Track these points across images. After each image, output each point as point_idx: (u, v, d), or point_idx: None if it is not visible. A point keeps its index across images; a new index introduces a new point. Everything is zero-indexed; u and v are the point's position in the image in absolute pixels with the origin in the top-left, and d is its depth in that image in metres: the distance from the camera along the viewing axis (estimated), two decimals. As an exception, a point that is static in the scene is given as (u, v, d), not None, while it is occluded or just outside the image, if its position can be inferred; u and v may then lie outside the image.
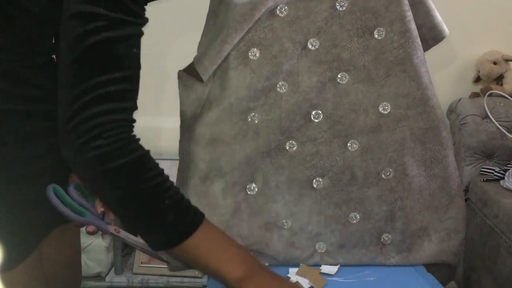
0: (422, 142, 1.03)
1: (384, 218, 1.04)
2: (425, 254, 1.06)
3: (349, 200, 1.03)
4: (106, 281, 1.87)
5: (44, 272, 0.87)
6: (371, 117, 1.01)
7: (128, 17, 0.68)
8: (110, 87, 0.66)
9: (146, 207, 0.71)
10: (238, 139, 0.99)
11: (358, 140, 1.02)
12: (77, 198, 0.84)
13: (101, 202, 0.77)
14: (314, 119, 1.01)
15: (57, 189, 0.81)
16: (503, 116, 1.79)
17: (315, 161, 1.02)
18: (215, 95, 0.99)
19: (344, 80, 1.00)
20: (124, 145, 0.68)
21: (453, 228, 1.08)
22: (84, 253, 1.83)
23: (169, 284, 1.87)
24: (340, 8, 0.98)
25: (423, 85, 1.02)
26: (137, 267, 1.89)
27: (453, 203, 1.07)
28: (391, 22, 0.99)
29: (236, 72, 0.98)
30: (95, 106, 0.65)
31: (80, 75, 0.66)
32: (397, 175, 1.03)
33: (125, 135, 0.69)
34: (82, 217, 0.82)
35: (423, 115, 1.02)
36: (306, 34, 0.99)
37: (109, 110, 0.66)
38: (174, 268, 1.05)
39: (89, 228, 0.84)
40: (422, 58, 1.02)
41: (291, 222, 1.03)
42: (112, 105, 0.67)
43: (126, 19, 0.68)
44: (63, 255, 0.93)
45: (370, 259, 1.05)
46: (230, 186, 1.00)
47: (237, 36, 0.96)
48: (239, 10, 0.95)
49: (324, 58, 0.99)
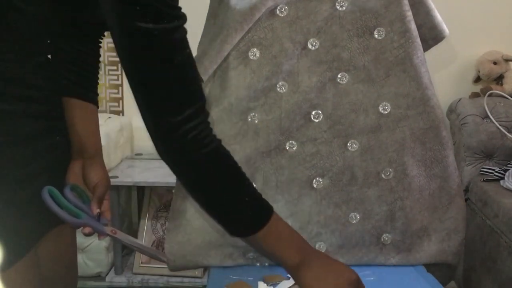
0: (422, 142, 1.03)
1: (384, 218, 1.04)
2: (425, 254, 1.06)
3: (349, 200, 1.03)
4: (106, 281, 1.87)
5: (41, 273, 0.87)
6: (371, 117, 1.01)
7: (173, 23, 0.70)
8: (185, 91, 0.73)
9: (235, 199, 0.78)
10: (238, 139, 0.99)
11: (358, 140, 1.02)
12: (73, 199, 0.83)
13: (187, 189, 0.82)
14: (314, 119, 1.01)
15: (52, 191, 0.81)
16: (503, 116, 1.79)
17: (315, 161, 1.02)
18: (215, 95, 0.99)
19: (344, 80, 1.00)
20: (219, 145, 0.77)
21: (453, 228, 1.08)
22: (84, 253, 1.83)
23: (169, 284, 1.87)
24: (340, 8, 0.98)
25: (423, 85, 1.02)
26: (137, 267, 1.89)
27: (453, 203, 1.07)
28: (391, 22, 0.99)
29: (236, 72, 0.98)
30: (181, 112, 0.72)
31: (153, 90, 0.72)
32: (397, 175, 1.03)
33: (213, 133, 0.76)
34: (78, 219, 0.82)
35: (423, 115, 1.02)
36: (306, 34, 0.99)
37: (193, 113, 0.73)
38: (174, 268, 1.05)
39: (85, 230, 0.84)
40: (422, 58, 1.02)
41: (291, 222, 1.03)
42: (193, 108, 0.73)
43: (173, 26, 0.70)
44: (59, 255, 0.93)
45: (370, 259, 1.05)
46: (230, 186, 1.00)
47: (237, 36, 0.96)
48: (239, 10, 0.95)
49: (324, 58, 0.99)
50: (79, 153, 0.90)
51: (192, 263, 1.03)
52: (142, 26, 0.67)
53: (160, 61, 0.70)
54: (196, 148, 0.74)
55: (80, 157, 0.90)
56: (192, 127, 0.72)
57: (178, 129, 0.72)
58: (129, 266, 1.92)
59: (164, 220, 1.94)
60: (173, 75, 0.71)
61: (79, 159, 0.90)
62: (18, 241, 0.80)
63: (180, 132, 0.72)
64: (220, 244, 1.01)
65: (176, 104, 0.72)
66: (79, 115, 0.89)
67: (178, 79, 0.72)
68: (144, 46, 0.69)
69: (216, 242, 1.01)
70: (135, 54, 0.70)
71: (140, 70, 0.71)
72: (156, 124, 0.73)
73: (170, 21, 0.69)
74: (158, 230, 1.95)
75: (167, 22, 0.69)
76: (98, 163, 0.91)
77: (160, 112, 0.72)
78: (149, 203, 1.97)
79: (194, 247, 1.01)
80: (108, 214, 0.88)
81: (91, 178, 0.89)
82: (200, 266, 1.05)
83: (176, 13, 0.71)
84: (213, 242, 1.01)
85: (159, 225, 1.95)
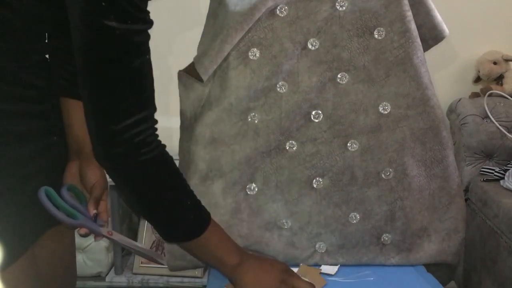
0: (422, 142, 1.03)
1: (384, 218, 1.04)
2: (425, 254, 1.06)
3: (349, 200, 1.03)
4: (106, 281, 1.87)
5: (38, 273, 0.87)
6: (371, 117, 1.01)
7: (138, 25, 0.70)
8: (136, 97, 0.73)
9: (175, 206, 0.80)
10: (238, 139, 0.99)
11: (358, 140, 1.02)
12: (70, 200, 0.83)
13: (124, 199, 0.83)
14: (314, 119, 1.01)
15: (49, 192, 0.80)
16: (503, 116, 1.79)
17: (315, 161, 1.02)
18: (215, 95, 0.99)
19: (344, 80, 1.00)
20: (162, 152, 0.77)
21: (453, 228, 1.08)
22: (84, 253, 1.83)
23: (169, 284, 1.87)
24: (340, 8, 0.98)
25: (423, 85, 1.02)
26: (137, 267, 1.89)
27: (453, 203, 1.07)
28: (391, 22, 0.99)
29: (236, 72, 0.98)
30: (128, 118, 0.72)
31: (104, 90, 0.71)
32: (397, 175, 1.03)
33: (158, 141, 0.77)
34: (74, 219, 0.81)
35: (423, 115, 1.02)
36: (306, 34, 0.99)
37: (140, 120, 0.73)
38: (174, 268, 1.05)
39: (81, 231, 0.84)
40: (422, 58, 1.02)
41: (291, 222, 1.03)
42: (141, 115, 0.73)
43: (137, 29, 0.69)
44: (57, 255, 0.93)
45: (370, 259, 1.05)
46: (230, 186, 1.00)
47: (237, 36, 0.96)
48: (239, 10, 0.95)
49: (324, 58, 0.99)
50: (76, 153, 0.89)
51: (192, 263, 1.03)
52: (105, 23, 0.66)
53: (117, 61, 0.69)
54: (140, 153, 0.73)
55: (77, 158, 0.90)
56: (138, 132, 0.72)
57: (124, 133, 0.71)
58: (129, 266, 1.92)
59: (164, 220, 1.94)
60: (127, 78, 0.70)
61: (76, 159, 0.90)
62: (16, 241, 0.80)
63: (125, 136, 0.71)
64: (220, 244, 1.01)
65: (125, 107, 0.71)
66: (76, 116, 0.88)
67: (131, 83, 0.71)
68: (103, 44, 0.68)
69: (216, 242, 1.01)
70: (93, 50, 0.68)
71: (95, 68, 0.69)
72: (101, 125, 0.72)
73: (134, 22, 0.68)
74: (158, 230, 1.95)
75: (131, 23, 0.68)
76: (95, 164, 0.90)
77: (107, 113, 0.71)
78: (149, 203, 1.97)
79: (194, 247, 1.01)
80: (105, 215, 0.88)
81: (88, 178, 0.89)
82: (200, 266, 1.05)
83: (142, 16, 0.70)
84: (213, 242, 1.01)
85: (159, 225, 1.95)
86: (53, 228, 0.88)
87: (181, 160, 1.06)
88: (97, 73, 0.70)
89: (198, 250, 0.85)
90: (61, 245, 0.94)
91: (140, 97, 0.73)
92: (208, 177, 1.00)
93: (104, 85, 0.70)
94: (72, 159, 0.90)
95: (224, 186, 1.00)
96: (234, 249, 0.87)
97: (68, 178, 0.89)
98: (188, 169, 1.01)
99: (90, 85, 0.71)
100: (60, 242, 0.93)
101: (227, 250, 0.86)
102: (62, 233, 0.92)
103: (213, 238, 0.84)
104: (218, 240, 0.85)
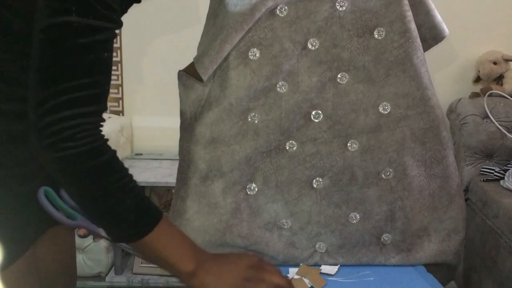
0: (422, 142, 1.03)
1: (384, 218, 1.04)
2: (425, 254, 1.06)
3: (349, 200, 1.03)
4: (106, 281, 1.87)
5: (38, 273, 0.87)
6: (371, 117, 1.01)
7: (100, 22, 0.68)
8: (80, 92, 0.68)
9: (110, 206, 0.73)
10: (238, 139, 0.99)
11: (358, 140, 1.02)
12: (69, 200, 0.83)
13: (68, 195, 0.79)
14: (314, 119, 1.01)
15: (48, 192, 0.80)
16: (503, 116, 1.79)
17: (315, 161, 1.02)
18: (215, 95, 0.99)
19: (344, 80, 1.00)
20: (92, 148, 0.70)
21: (453, 228, 1.08)
22: (84, 253, 1.83)
23: (169, 284, 1.87)
24: (340, 8, 0.98)
25: (423, 85, 1.02)
26: (137, 267, 1.89)
27: (453, 203, 1.07)
28: (391, 22, 0.99)
29: (236, 72, 0.98)
30: (64, 110, 0.67)
31: (50, 78, 0.68)
32: (397, 175, 1.03)
33: (93, 138, 0.71)
34: (72, 220, 0.82)
35: (423, 115, 1.02)
36: (306, 34, 0.99)
37: (78, 114, 0.68)
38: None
39: (80, 232, 0.83)
40: (422, 58, 1.02)
41: (291, 222, 1.03)
42: (81, 110, 0.69)
43: (98, 25, 0.68)
44: (57, 255, 0.93)
45: (370, 259, 1.05)
46: (230, 186, 1.00)
47: (237, 36, 0.96)
48: (239, 10, 0.95)
49: (324, 58, 0.99)
50: None
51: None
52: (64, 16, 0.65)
53: (71, 52, 0.67)
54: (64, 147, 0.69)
55: None
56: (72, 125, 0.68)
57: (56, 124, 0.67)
58: (129, 266, 1.92)
59: (164, 220, 1.94)
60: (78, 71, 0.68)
61: None
62: (16, 241, 0.80)
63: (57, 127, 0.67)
64: (220, 244, 1.01)
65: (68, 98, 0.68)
66: None
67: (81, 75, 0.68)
68: (60, 35, 0.66)
69: (216, 242, 1.01)
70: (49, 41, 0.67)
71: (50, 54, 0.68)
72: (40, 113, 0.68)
73: (96, 18, 0.67)
74: (158, 230, 1.95)
75: (92, 18, 0.67)
76: None
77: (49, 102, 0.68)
78: (149, 203, 1.97)
79: (194, 247, 1.01)
80: None
81: None
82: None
83: (107, 14, 0.69)
84: (213, 242, 1.01)
85: (159, 225, 1.95)
86: (52, 228, 0.88)
87: (181, 160, 1.06)
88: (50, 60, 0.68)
89: (147, 254, 0.77)
90: (61, 244, 0.94)
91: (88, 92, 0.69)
92: (208, 177, 1.00)
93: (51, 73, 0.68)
94: None
95: (224, 186, 1.00)
96: (190, 252, 0.78)
97: None
98: (188, 169, 1.01)
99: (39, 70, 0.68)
100: (60, 241, 0.93)
101: (179, 254, 0.76)
102: (62, 233, 0.92)
103: (162, 240, 0.75)
104: (169, 242, 0.76)
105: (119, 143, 1.94)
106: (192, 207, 1.01)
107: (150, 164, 1.94)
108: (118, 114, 2.09)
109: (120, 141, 1.96)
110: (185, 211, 1.01)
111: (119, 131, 1.94)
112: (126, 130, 2.01)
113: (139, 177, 1.81)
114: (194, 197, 1.00)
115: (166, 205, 1.95)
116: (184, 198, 1.02)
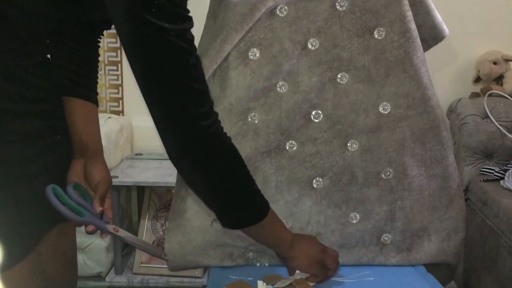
0: (422, 142, 1.03)
1: (384, 218, 1.04)
2: (425, 254, 1.06)
3: (349, 200, 1.03)
4: (106, 281, 1.87)
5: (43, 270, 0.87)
6: (371, 117, 1.01)
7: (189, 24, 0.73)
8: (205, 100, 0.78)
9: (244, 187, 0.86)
10: (238, 139, 0.99)
11: (358, 140, 1.02)
12: (76, 197, 0.84)
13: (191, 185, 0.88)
14: (314, 119, 1.01)
15: (56, 190, 0.81)
16: (503, 116, 1.78)
17: (315, 161, 1.01)
18: (215, 95, 0.99)
19: (344, 80, 1.00)
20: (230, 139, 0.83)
21: (453, 228, 1.08)
22: (84, 253, 1.83)
23: (169, 284, 1.87)
24: (340, 8, 0.98)
25: (423, 85, 1.02)
26: (137, 267, 1.89)
27: (453, 203, 1.07)
28: (391, 22, 0.99)
29: (236, 72, 0.98)
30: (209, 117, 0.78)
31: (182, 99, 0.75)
32: (397, 175, 1.03)
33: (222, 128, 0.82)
34: (80, 216, 0.82)
35: (423, 115, 1.02)
36: (306, 34, 0.99)
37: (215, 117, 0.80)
38: (174, 268, 1.05)
39: (88, 228, 0.84)
40: (422, 58, 1.02)
41: (291, 222, 1.03)
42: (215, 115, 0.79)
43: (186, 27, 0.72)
44: (61, 254, 0.93)
45: (370, 259, 1.05)
46: (230, 186, 1.00)
47: (237, 36, 0.96)
48: (239, 10, 0.95)
49: (324, 58, 0.99)
50: (80, 152, 0.90)
51: (192, 263, 1.03)
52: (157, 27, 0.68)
53: (178, 61, 0.72)
54: (218, 142, 0.80)
55: (81, 156, 0.90)
56: (210, 123, 0.77)
57: (200, 125, 0.76)
58: (129, 266, 1.92)
59: (164, 220, 1.94)
60: (188, 75, 0.74)
61: (80, 157, 0.90)
62: (21, 240, 0.80)
63: (202, 128, 0.77)
64: (220, 244, 1.01)
65: (194, 102, 0.75)
66: (79, 114, 0.89)
67: (194, 78, 0.75)
68: (161, 46, 0.71)
69: (216, 242, 1.01)
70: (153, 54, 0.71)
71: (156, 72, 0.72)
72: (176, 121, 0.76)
73: (184, 22, 0.71)
74: (158, 230, 1.95)
75: (181, 23, 0.71)
76: (100, 162, 0.91)
77: (181, 110, 0.75)
78: (149, 203, 1.96)
79: (194, 247, 1.01)
80: (109, 212, 0.88)
81: (93, 176, 0.89)
82: (200, 266, 1.05)
83: (188, 16, 0.73)
84: (213, 242, 1.01)
85: (159, 225, 1.95)
86: (55, 227, 0.88)
87: (181, 160, 1.06)
88: (159, 77, 0.73)
89: (263, 232, 0.91)
90: (64, 243, 0.94)
91: (202, 90, 0.77)
92: (208, 177, 1.00)
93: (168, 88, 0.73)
94: (76, 157, 0.90)
95: (224, 186, 1.00)
96: (285, 228, 0.96)
97: (72, 176, 0.89)
98: (188, 169, 1.01)
99: (155, 90, 0.74)
100: (63, 240, 0.93)
101: (283, 229, 0.95)
102: (65, 232, 0.92)
103: (274, 218, 0.91)
104: (277, 219, 0.93)
105: (119, 143, 1.94)
106: (192, 207, 1.01)
107: (150, 164, 1.94)
108: (118, 114, 2.09)
109: (120, 141, 1.95)
110: (185, 211, 1.01)
111: (119, 131, 1.94)
112: (126, 130, 2.01)
113: (139, 177, 1.81)
114: (194, 197, 1.00)
115: (166, 205, 1.95)
116: (184, 198, 1.02)
